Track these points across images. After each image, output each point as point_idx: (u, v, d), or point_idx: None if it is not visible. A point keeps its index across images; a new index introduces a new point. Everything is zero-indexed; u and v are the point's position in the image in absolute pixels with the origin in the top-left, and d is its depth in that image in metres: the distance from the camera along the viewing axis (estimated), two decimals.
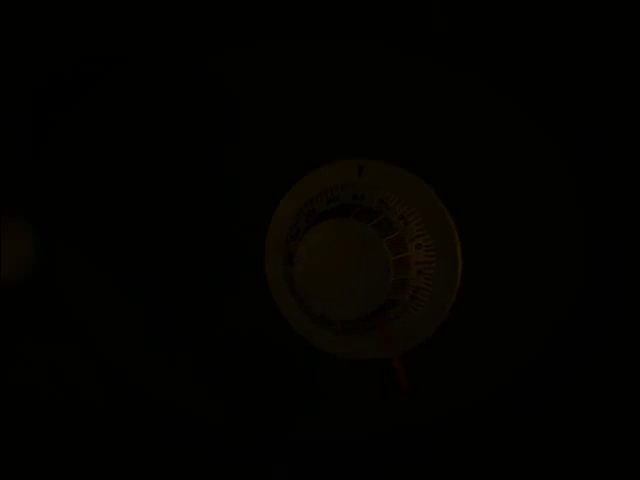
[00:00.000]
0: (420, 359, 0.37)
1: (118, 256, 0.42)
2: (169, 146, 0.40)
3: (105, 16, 0.41)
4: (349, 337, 0.36)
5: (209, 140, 0.40)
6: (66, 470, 0.44)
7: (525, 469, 0.36)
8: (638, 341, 0.34)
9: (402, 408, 0.38)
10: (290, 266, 0.36)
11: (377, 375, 0.38)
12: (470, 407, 0.36)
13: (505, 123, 0.35)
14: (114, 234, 0.42)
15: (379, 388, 0.38)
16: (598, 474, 0.35)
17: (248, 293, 0.40)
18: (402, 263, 0.34)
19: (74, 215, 0.42)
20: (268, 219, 0.38)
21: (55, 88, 0.42)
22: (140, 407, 0.43)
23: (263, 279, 0.39)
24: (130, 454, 0.43)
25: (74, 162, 0.42)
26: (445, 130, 0.36)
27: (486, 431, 0.36)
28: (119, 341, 0.43)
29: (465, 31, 0.35)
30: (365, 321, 0.34)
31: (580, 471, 0.35)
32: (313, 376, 0.40)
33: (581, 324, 0.34)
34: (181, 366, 0.42)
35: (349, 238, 0.33)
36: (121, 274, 0.42)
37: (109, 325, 0.43)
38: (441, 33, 0.35)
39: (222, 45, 0.39)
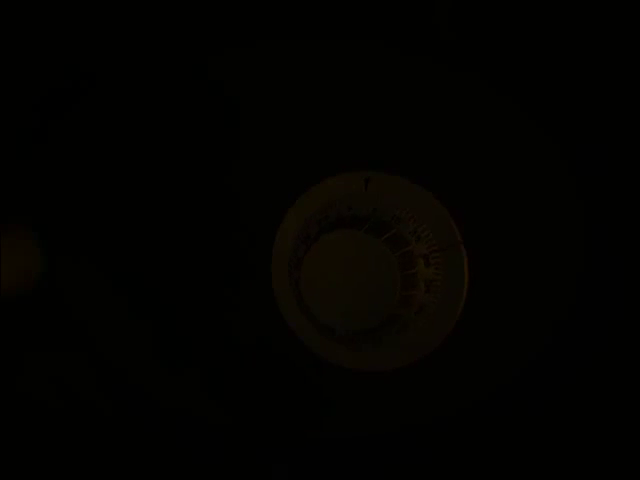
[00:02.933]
0: (420, 359, 0.37)
1: (120, 263, 0.42)
2: (170, 149, 0.40)
3: (105, 16, 0.41)
4: (355, 348, 0.37)
5: (210, 143, 0.40)
6: (67, 471, 0.44)
7: (525, 469, 0.36)
8: (638, 341, 0.34)
9: (402, 408, 0.38)
10: (297, 276, 0.36)
11: (380, 383, 0.38)
12: (470, 407, 0.36)
13: (505, 123, 0.35)
14: (116, 241, 0.42)
15: (377, 395, 0.38)
16: (598, 474, 0.35)
17: (253, 302, 0.40)
18: (406, 256, 0.34)
19: (76, 224, 0.42)
20: (274, 227, 0.38)
21: (55, 90, 0.42)
22: (142, 411, 0.43)
23: (269, 288, 0.39)
24: (131, 456, 0.43)
25: (74, 166, 0.42)
26: (445, 130, 0.36)
27: (486, 431, 0.36)
28: (122, 348, 0.43)
29: (465, 31, 0.35)
30: (377, 330, 0.34)
31: (580, 471, 0.35)
32: (319, 386, 0.40)
33: (581, 324, 0.34)
34: (185, 374, 0.42)
35: (357, 249, 0.33)
36: (124, 281, 0.42)
37: (112, 333, 0.43)
38: (441, 33, 0.35)
39: (222, 45, 0.39)
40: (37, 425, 0.44)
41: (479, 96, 0.35)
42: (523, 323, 0.35)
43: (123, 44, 0.41)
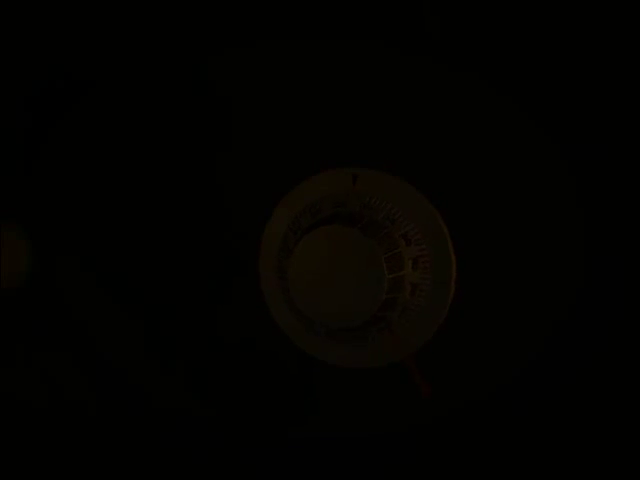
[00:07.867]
0: (420, 359, 0.37)
1: (114, 262, 0.42)
2: (166, 149, 0.40)
3: (104, 17, 0.41)
4: (342, 344, 0.37)
5: (205, 143, 0.40)
6: (65, 470, 0.44)
7: (525, 469, 0.36)
8: (638, 341, 0.34)
9: (401, 409, 0.38)
10: (284, 272, 0.36)
11: (372, 381, 0.38)
12: (470, 407, 0.36)
13: (505, 123, 0.35)
14: (110, 240, 0.42)
15: (375, 394, 0.38)
16: (598, 474, 0.35)
17: (242, 300, 0.40)
18: (395, 258, 0.34)
19: (72, 221, 0.42)
20: (262, 225, 0.38)
21: (54, 91, 0.42)
22: (139, 410, 0.43)
23: (257, 286, 0.39)
24: (129, 456, 0.43)
25: (72, 165, 0.42)
26: (445, 130, 0.36)
27: (486, 431, 0.36)
28: (116, 346, 0.43)
29: (465, 31, 0.35)
30: (359, 329, 0.34)
31: (580, 471, 0.35)
32: (307, 383, 0.40)
33: (581, 324, 0.34)
34: (177, 372, 0.42)
35: (346, 247, 0.33)
36: (117, 280, 0.42)
37: (106, 331, 0.43)
38: (441, 33, 0.35)
39: (222, 45, 0.39)
40: (32, 425, 0.44)
41: (479, 96, 0.35)
42: (523, 323, 0.35)
43: (123, 44, 0.41)
